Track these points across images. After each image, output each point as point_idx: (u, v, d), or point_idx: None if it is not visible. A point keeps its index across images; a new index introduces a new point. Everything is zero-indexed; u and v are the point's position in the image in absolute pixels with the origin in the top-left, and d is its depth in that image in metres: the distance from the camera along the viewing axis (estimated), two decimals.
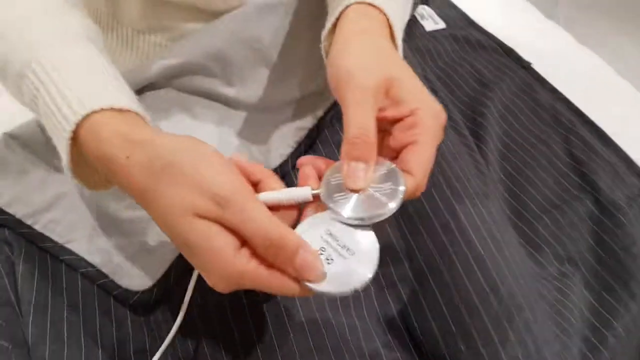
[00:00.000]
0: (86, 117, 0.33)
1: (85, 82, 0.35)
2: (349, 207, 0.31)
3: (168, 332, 0.38)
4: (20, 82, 0.36)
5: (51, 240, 0.45)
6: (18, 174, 0.47)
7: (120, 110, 0.33)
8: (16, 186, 0.46)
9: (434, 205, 0.44)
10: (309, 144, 0.52)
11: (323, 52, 0.41)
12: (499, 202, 0.52)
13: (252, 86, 0.50)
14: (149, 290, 0.43)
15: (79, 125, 0.33)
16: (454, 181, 0.46)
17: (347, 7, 0.38)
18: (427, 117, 0.33)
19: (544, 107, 0.64)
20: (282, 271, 0.29)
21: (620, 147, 0.60)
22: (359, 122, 0.32)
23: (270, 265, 0.30)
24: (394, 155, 0.34)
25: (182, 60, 0.48)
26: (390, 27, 0.39)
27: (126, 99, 0.35)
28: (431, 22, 0.75)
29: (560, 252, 0.50)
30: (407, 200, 0.32)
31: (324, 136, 0.52)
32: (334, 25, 0.39)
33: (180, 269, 0.43)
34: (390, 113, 0.34)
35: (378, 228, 0.31)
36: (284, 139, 0.50)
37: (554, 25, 0.82)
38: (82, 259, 0.44)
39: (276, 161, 0.50)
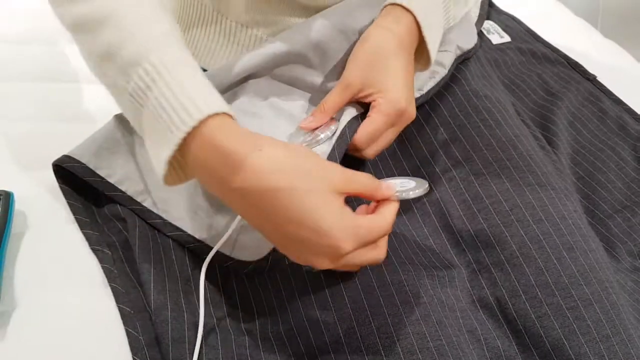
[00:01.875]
0: (203, 120, 0.37)
1: (199, 86, 0.39)
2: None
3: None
4: (130, 70, 0.40)
5: (159, 217, 0.49)
6: (128, 155, 0.52)
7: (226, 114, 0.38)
8: (127, 165, 0.51)
9: (525, 200, 0.49)
10: None
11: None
12: (577, 199, 0.57)
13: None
14: (264, 259, 0.47)
15: (194, 128, 0.37)
16: (541, 177, 0.51)
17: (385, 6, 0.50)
18: (380, 104, 0.48)
19: (611, 116, 0.69)
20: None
21: None
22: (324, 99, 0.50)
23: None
24: None
25: (286, 49, 0.53)
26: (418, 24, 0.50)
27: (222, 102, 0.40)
28: (497, 36, 0.81)
29: (632, 248, 0.55)
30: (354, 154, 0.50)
31: None
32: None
33: None
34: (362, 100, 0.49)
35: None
36: None
37: (612, 43, 0.87)
38: (190, 235, 0.48)
39: None
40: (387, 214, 0.40)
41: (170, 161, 0.38)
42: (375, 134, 0.49)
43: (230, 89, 0.55)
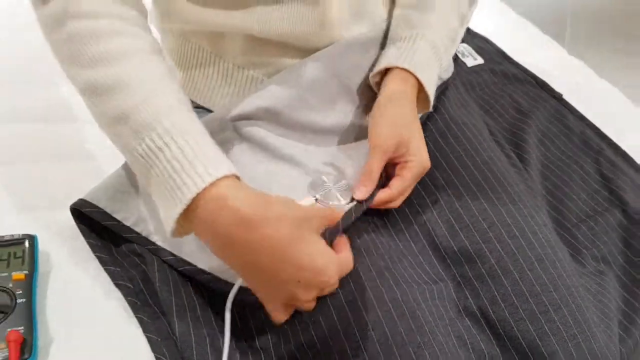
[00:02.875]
0: (213, 182, 0.43)
1: (210, 149, 0.45)
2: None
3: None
4: (143, 133, 0.45)
5: (172, 254, 0.55)
6: (141, 198, 0.57)
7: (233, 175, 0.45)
8: (140, 208, 0.56)
9: (501, 218, 0.57)
10: None
11: (373, 85, 0.62)
12: (545, 213, 0.65)
13: (336, 114, 0.63)
14: None
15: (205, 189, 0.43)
16: (513, 196, 0.59)
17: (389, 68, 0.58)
18: (413, 166, 0.56)
19: (575, 132, 0.77)
20: None
21: (638, 163, 0.73)
22: (368, 165, 0.55)
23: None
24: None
25: (274, 102, 0.60)
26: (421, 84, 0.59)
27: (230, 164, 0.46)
28: (471, 59, 0.89)
29: (596, 253, 0.63)
30: (382, 207, 0.56)
31: None
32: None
33: None
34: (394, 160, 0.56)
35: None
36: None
37: (577, 60, 0.95)
38: (200, 269, 0.53)
39: None
40: (349, 250, 0.48)
41: (178, 219, 0.44)
42: (405, 190, 0.57)
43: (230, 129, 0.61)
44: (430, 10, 0.63)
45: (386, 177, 0.57)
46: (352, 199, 0.56)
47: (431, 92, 0.60)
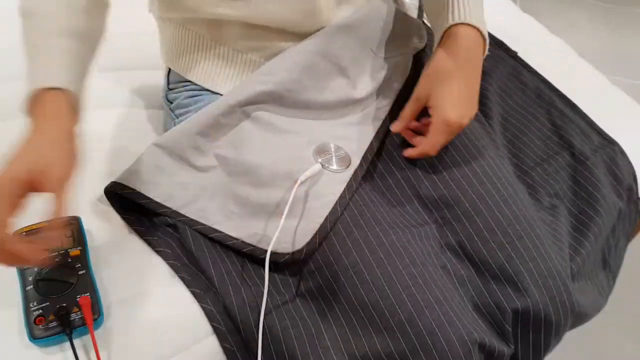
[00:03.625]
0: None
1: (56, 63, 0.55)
2: None
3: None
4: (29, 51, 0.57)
5: (201, 224, 0.65)
6: (169, 177, 0.67)
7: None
8: (168, 186, 0.66)
9: (471, 169, 0.69)
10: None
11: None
12: (507, 160, 0.77)
13: (329, 92, 0.73)
14: (299, 252, 0.62)
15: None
16: (480, 149, 0.71)
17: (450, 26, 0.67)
18: (433, 121, 0.65)
19: (530, 87, 0.88)
20: None
21: (584, 112, 0.86)
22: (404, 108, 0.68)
23: None
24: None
25: (276, 87, 0.69)
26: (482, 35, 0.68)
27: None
28: None
29: (550, 191, 0.76)
30: (421, 157, 0.68)
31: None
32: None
33: (323, 234, 0.63)
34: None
35: None
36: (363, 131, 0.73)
37: (529, 17, 1.07)
38: (227, 235, 0.64)
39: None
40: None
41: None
42: (432, 142, 0.66)
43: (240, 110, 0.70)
44: None
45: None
46: (348, 166, 0.67)
47: (485, 31, 0.68)
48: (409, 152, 0.70)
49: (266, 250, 0.62)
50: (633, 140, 0.83)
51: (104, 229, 0.65)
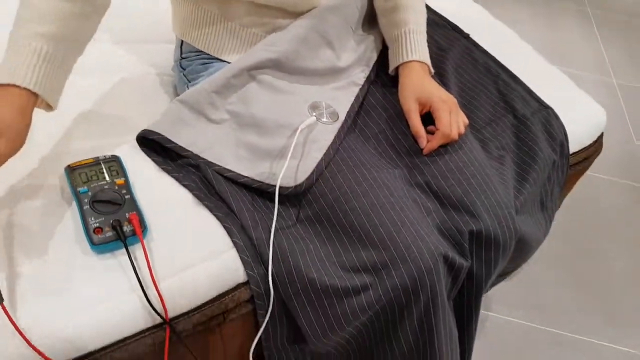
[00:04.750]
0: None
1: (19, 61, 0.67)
2: None
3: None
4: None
5: (218, 165, 0.80)
6: (190, 127, 0.82)
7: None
8: (191, 134, 0.81)
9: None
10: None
11: (391, 71, 0.93)
12: None
13: (319, 61, 0.89)
14: (299, 185, 0.78)
15: None
16: None
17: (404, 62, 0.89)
18: (438, 105, 0.84)
19: (480, 63, 1.08)
20: None
21: (524, 83, 1.05)
22: (411, 125, 0.85)
23: None
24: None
25: (278, 55, 0.86)
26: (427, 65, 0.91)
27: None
28: None
29: (498, 144, 0.95)
30: (445, 142, 0.84)
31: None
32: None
33: (319, 171, 0.79)
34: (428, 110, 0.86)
35: None
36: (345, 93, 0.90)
37: (479, 6, 1.26)
38: (238, 174, 0.79)
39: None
40: None
41: None
42: (449, 122, 0.84)
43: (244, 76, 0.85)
44: (404, 9, 0.92)
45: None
46: (336, 120, 0.84)
47: (428, 62, 0.92)
48: (431, 145, 0.85)
49: (272, 185, 0.77)
50: (564, 107, 1.03)
51: (140, 167, 0.79)
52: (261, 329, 0.75)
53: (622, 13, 2.67)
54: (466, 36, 1.13)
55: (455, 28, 1.14)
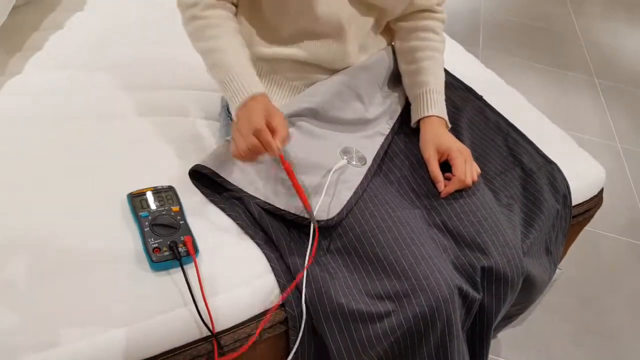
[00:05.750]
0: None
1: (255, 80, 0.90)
2: None
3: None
4: (225, 74, 0.90)
5: (258, 198, 0.91)
6: (236, 164, 0.93)
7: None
8: (236, 170, 0.92)
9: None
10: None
11: (413, 124, 1.06)
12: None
13: (351, 112, 1.02)
14: (331, 219, 0.89)
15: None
16: None
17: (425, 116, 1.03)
18: (455, 155, 0.98)
19: (491, 121, 1.20)
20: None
21: (531, 140, 1.18)
22: (431, 172, 0.97)
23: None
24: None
25: (316, 105, 1.00)
26: (445, 120, 1.04)
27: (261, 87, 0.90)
28: None
29: (507, 194, 1.06)
30: (461, 187, 0.96)
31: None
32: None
33: (349, 208, 0.91)
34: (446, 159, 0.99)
35: None
36: (372, 141, 1.03)
37: (491, 72, 1.41)
38: (277, 207, 0.90)
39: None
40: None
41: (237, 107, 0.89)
42: (464, 170, 0.97)
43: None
44: (425, 72, 1.07)
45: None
46: (365, 164, 0.96)
47: (446, 117, 1.06)
48: (447, 190, 0.96)
49: (307, 218, 0.88)
50: (567, 163, 1.14)
51: (191, 197, 0.91)
52: (294, 348, 0.84)
53: (629, 84, 2.84)
54: (479, 97, 1.27)
55: (469, 90, 1.28)
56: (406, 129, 1.09)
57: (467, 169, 0.97)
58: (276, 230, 0.88)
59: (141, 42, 1.30)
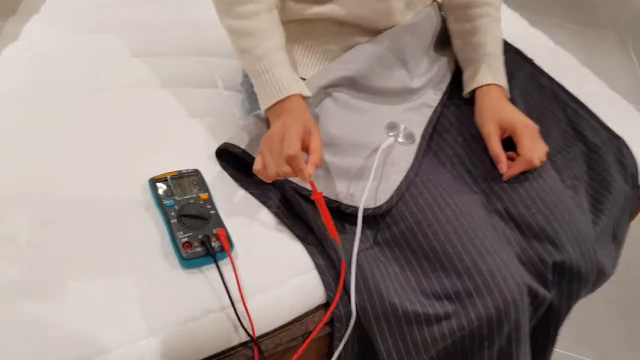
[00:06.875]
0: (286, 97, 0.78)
1: (285, 77, 0.79)
2: None
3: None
4: (256, 63, 0.80)
5: (295, 183, 0.80)
6: None
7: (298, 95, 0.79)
8: None
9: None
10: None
11: (466, 94, 0.95)
12: None
13: (393, 81, 0.91)
14: (379, 208, 0.80)
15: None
16: None
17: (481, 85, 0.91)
18: (520, 131, 0.86)
19: (547, 89, 1.10)
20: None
21: (593, 112, 1.07)
22: (492, 151, 0.86)
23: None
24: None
25: (354, 73, 0.88)
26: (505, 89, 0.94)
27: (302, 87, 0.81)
28: None
29: (571, 174, 0.96)
30: (527, 169, 0.85)
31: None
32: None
33: (399, 194, 0.81)
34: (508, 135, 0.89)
35: None
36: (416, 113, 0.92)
37: (536, 30, 1.29)
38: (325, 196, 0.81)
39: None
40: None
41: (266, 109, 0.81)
42: (531, 148, 0.86)
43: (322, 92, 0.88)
44: (482, 32, 0.95)
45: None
46: (413, 142, 0.85)
47: (506, 86, 0.94)
48: (511, 172, 0.86)
49: (351, 206, 0.79)
50: (633, 137, 1.04)
51: (217, 181, 0.82)
52: (337, 351, 0.76)
53: None
54: (530, 62, 1.15)
55: (518, 53, 1.16)
56: (456, 99, 0.98)
57: (535, 147, 0.86)
58: (316, 220, 0.79)
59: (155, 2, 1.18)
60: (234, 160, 0.85)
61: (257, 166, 0.75)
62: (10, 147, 0.82)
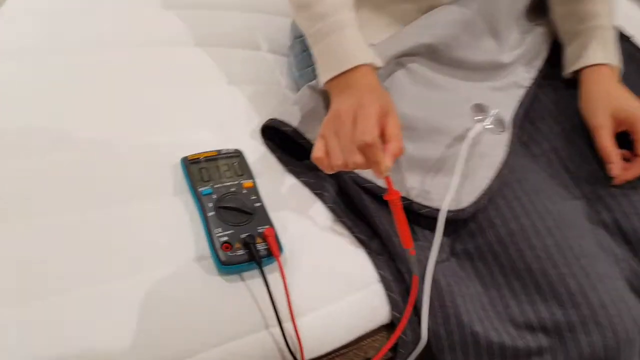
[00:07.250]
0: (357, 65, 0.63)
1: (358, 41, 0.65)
2: None
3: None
4: (317, 23, 0.65)
5: (353, 172, 0.66)
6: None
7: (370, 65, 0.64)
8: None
9: None
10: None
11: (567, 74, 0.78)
12: None
13: (480, 53, 0.75)
14: (462, 211, 0.65)
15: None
16: None
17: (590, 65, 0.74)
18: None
19: None
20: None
21: None
22: (601, 147, 0.70)
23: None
24: None
25: (435, 40, 0.72)
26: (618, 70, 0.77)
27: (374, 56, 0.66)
28: None
29: None
30: None
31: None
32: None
33: (493, 190, 0.66)
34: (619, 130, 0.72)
35: None
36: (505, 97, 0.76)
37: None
38: (381, 187, 0.65)
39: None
40: None
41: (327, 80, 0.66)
42: None
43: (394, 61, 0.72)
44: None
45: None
46: (503, 129, 0.70)
47: (620, 67, 0.78)
48: (626, 176, 0.70)
49: (426, 206, 0.64)
50: None
51: (261, 165, 0.67)
52: None
53: None
54: (627, 38, 0.98)
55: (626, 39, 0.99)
56: (555, 80, 0.82)
57: None
58: (382, 222, 0.64)
59: None
60: (280, 139, 0.71)
61: (317, 153, 0.59)
62: (17, 104, 0.69)
